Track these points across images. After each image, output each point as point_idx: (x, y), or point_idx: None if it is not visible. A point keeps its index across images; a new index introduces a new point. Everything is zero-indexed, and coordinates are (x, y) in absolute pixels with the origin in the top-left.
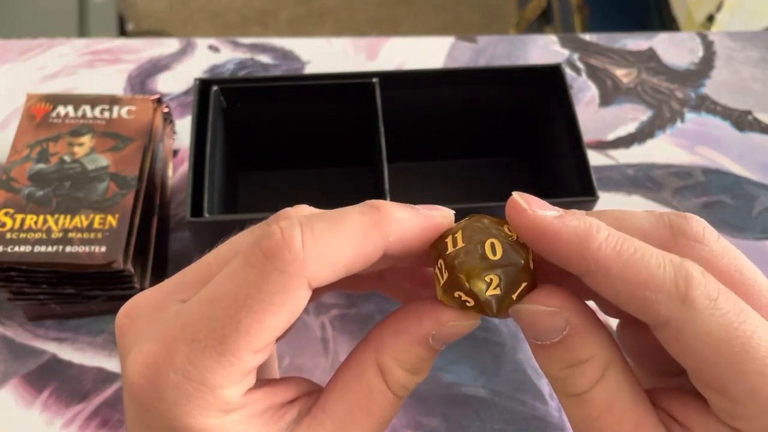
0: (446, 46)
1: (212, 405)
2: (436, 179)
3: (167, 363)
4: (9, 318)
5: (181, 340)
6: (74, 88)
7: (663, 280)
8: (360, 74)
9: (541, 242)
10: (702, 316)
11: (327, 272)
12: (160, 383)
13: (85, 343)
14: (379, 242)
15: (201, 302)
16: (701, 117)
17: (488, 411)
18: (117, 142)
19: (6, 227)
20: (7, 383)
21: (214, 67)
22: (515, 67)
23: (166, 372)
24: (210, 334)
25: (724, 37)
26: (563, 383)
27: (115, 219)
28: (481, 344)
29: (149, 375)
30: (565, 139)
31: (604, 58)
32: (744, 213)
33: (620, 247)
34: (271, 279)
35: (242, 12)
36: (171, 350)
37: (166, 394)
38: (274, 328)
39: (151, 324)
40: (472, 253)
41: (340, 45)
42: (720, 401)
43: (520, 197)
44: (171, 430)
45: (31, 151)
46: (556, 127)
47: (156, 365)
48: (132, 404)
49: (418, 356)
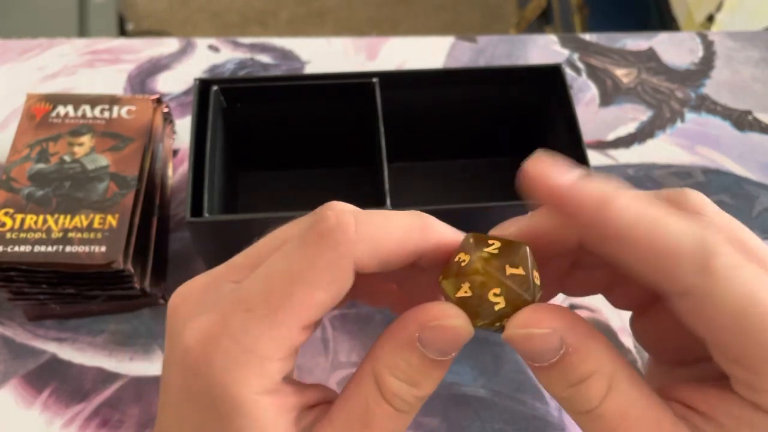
0: (446, 46)
1: (257, 375)
2: (435, 179)
3: (222, 330)
4: (9, 318)
5: (237, 310)
6: (74, 88)
7: (685, 246)
8: (360, 74)
9: (562, 208)
10: (723, 284)
11: (373, 259)
12: (213, 348)
13: (85, 343)
14: (421, 244)
15: (257, 278)
16: (701, 117)
17: (488, 411)
18: (117, 142)
19: (6, 227)
20: (7, 383)
21: (214, 67)
22: (515, 67)
23: (220, 338)
24: (264, 305)
25: (724, 37)
26: (570, 402)
27: (115, 219)
28: (481, 344)
29: (204, 341)
30: (565, 139)
31: (604, 58)
32: (744, 213)
33: (645, 210)
34: (325, 256)
35: (242, 12)
36: (227, 319)
37: (217, 360)
38: (323, 303)
39: (206, 301)
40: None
41: (340, 45)
42: (741, 373)
43: (536, 165)
44: (214, 397)
45: (31, 151)
46: (557, 127)
47: (211, 332)
48: (180, 372)
49: (409, 364)
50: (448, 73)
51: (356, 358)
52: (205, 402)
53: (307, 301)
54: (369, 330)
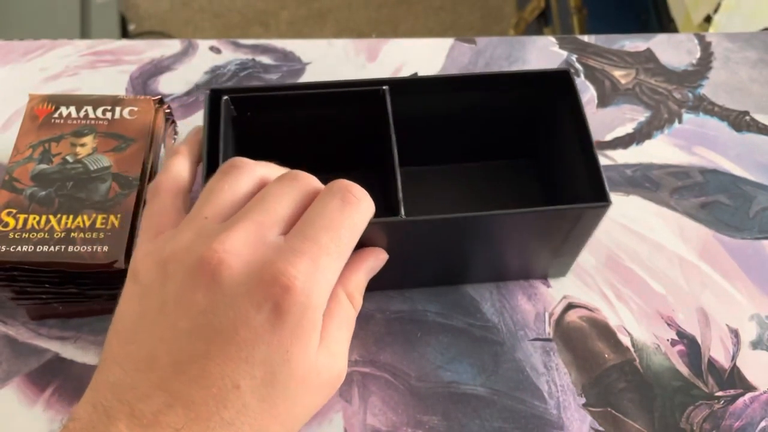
0: (446, 47)
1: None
2: (444, 183)
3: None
4: (11, 317)
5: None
6: (76, 89)
7: None
8: (370, 81)
9: None
10: None
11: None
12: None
13: (88, 341)
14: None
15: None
16: (699, 117)
17: (487, 409)
18: (119, 143)
19: (9, 227)
20: (10, 381)
21: (216, 68)
22: (521, 72)
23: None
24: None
25: (721, 38)
26: None
27: (118, 219)
28: (480, 343)
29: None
30: (575, 142)
31: (603, 59)
32: (742, 213)
33: None
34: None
35: (243, 12)
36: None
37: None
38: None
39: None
40: None
41: (341, 46)
42: None
43: None
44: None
45: (34, 152)
46: (565, 130)
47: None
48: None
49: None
50: (454, 79)
51: (357, 357)
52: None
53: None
54: (369, 329)
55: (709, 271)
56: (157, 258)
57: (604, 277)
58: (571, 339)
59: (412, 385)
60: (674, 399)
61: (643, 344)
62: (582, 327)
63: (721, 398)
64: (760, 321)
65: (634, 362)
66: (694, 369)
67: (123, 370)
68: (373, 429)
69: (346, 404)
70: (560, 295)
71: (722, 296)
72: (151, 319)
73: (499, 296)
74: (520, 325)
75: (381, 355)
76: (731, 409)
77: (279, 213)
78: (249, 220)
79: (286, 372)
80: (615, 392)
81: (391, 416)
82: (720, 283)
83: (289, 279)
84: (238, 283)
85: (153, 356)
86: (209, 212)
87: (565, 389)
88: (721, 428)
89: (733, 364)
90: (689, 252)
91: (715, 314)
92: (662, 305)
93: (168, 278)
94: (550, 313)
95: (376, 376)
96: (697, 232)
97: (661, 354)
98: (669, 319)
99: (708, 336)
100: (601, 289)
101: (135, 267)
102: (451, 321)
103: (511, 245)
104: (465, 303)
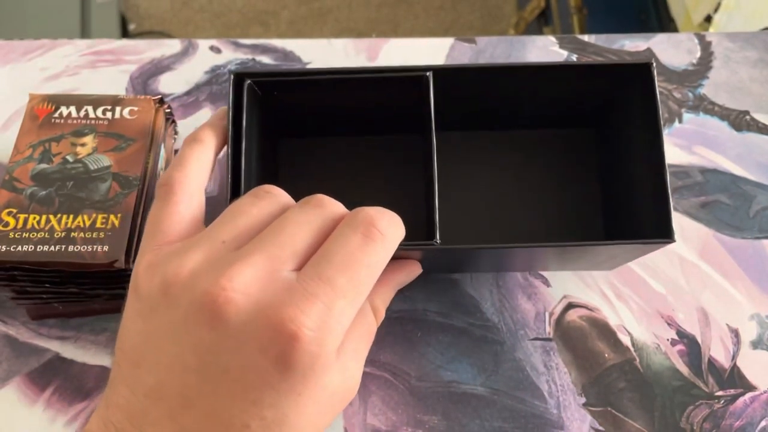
0: (446, 46)
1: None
2: (484, 150)
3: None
4: (12, 317)
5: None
6: (76, 89)
7: None
8: (412, 68)
9: None
10: None
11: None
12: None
13: (88, 341)
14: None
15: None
16: (699, 117)
17: (487, 409)
18: (119, 143)
19: (9, 227)
20: (10, 381)
21: (216, 68)
22: (597, 64)
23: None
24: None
25: (722, 37)
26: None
27: (118, 219)
28: (480, 342)
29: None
30: (643, 131)
31: (603, 59)
32: (742, 212)
33: None
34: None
35: (243, 12)
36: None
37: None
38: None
39: (275, 291)
40: None
41: (341, 46)
42: None
43: None
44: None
45: (34, 152)
46: (631, 118)
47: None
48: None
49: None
50: (512, 68)
51: None
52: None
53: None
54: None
55: (709, 271)
56: (160, 275)
57: (604, 276)
58: (571, 338)
59: (412, 384)
60: (674, 398)
61: (643, 344)
62: (582, 326)
63: (721, 398)
64: (760, 320)
65: (634, 362)
66: (694, 368)
67: (133, 394)
68: (373, 429)
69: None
70: (560, 294)
71: (722, 296)
72: (156, 345)
73: (499, 296)
74: (520, 325)
75: (381, 355)
76: (731, 408)
77: (296, 245)
78: (262, 252)
79: (298, 411)
80: (615, 392)
81: (391, 416)
82: (720, 283)
83: (299, 327)
84: (245, 323)
85: (161, 385)
86: (227, 236)
87: (565, 389)
88: (721, 428)
89: (733, 364)
90: (689, 251)
91: (715, 314)
92: (662, 305)
93: (171, 303)
94: (550, 312)
95: (376, 376)
96: (697, 232)
97: (661, 353)
98: (669, 319)
99: (708, 335)
100: (601, 288)
101: (136, 278)
102: (451, 320)
103: (550, 264)
104: (465, 302)
